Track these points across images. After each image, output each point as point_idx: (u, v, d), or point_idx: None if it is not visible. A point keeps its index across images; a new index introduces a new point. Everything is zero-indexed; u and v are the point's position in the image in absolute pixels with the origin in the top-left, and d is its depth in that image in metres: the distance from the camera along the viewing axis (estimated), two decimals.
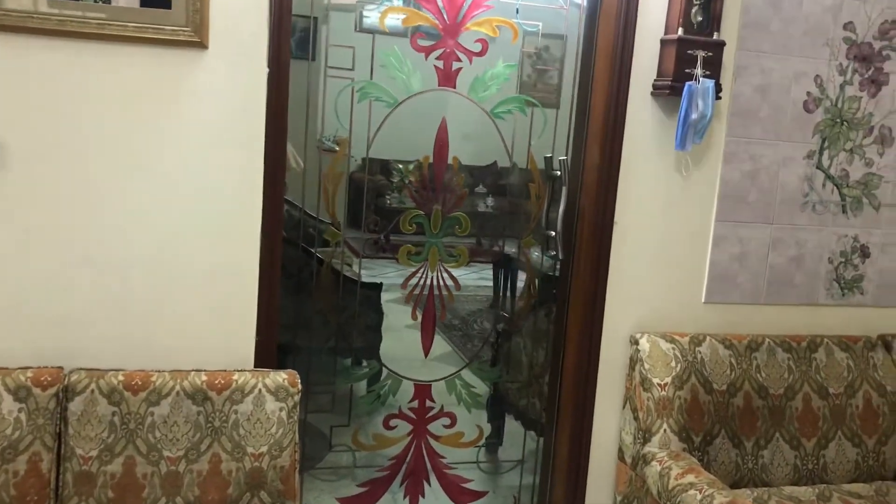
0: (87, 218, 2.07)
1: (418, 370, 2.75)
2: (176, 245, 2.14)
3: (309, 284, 2.72)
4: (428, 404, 2.74)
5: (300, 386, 2.12)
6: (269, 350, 2.29)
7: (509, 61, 2.58)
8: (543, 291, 2.84)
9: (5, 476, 1.89)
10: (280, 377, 2.11)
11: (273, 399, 2.07)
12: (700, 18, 2.42)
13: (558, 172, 2.64)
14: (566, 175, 2.60)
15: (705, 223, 2.63)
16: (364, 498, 2.72)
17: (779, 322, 2.72)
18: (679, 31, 2.39)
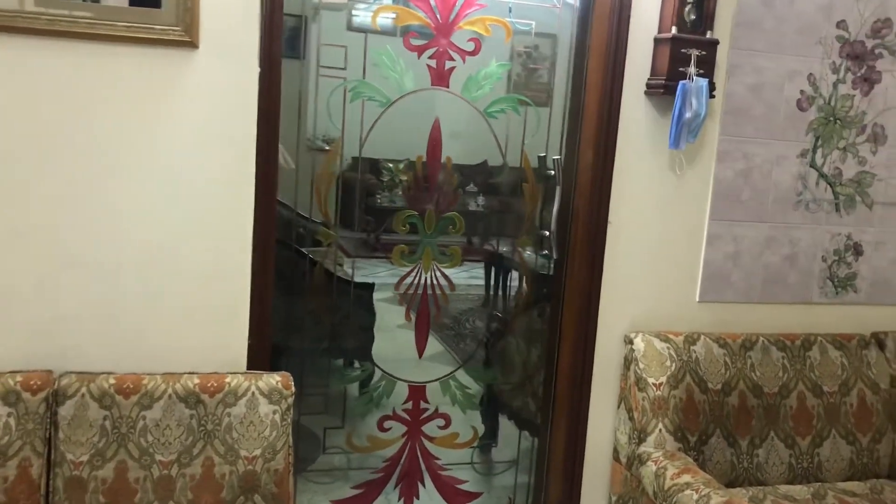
0: (77, 219, 2.04)
1: (411, 371, 2.73)
2: (167, 246, 2.12)
3: (301, 285, 2.70)
4: (422, 405, 2.72)
5: (294, 388, 2.10)
6: (262, 352, 2.27)
7: (502, 60, 2.57)
8: (537, 291, 2.83)
9: None
10: (273, 379, 2.09)
11: (266, 402, 2.06)
12: (693, 17, 2.42)
13: (552, 172, 2.63)
14: (560, 174, 2.60)
15: (699, 222, 2.63)
16: (358, 500, 2.71)
17: (773, 321, 2.72)
18: (672, 30, 2.39)
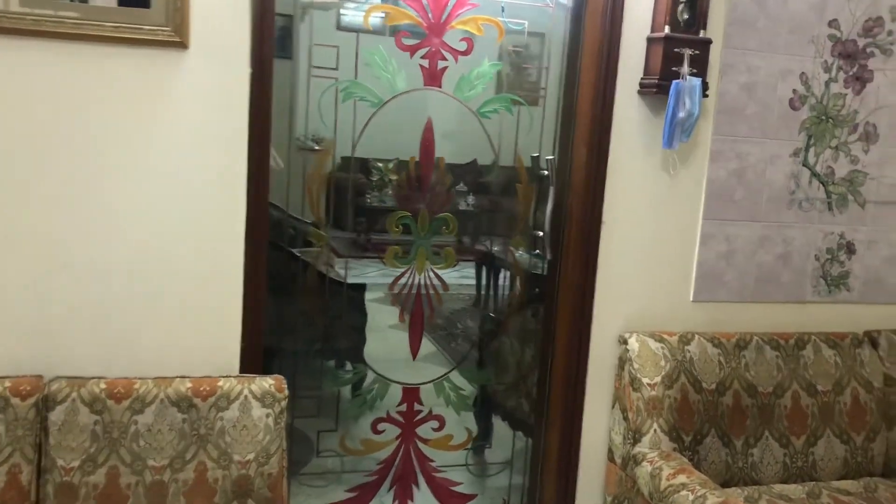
0: (66, 222, 2.02)
1: (404, 372, 2.72)
2: (157, 249, 2.10)
3: (293, 286, 2.68)
4: (416, 407, 2.71)
5: (287, 391, 2.08)
6: (255, 355, 2.25)
7: (495, 60, 2.56)
8: (531, 291, 2.82)
9: None
10: (266, 383, 2.07)
11: (260, 405, 2.03)
12: (686, 16, 2.42)
13: (545, 172, 2.62)
14: (553, 174, 2.59)
15: (693, 221, 2.62)
16: (352, 503, 2.69)
17: (766, 320, 2.72)
18: (666, 29, 2.38)
